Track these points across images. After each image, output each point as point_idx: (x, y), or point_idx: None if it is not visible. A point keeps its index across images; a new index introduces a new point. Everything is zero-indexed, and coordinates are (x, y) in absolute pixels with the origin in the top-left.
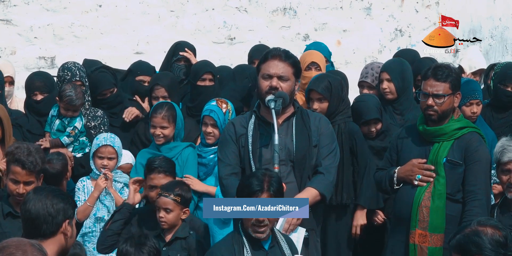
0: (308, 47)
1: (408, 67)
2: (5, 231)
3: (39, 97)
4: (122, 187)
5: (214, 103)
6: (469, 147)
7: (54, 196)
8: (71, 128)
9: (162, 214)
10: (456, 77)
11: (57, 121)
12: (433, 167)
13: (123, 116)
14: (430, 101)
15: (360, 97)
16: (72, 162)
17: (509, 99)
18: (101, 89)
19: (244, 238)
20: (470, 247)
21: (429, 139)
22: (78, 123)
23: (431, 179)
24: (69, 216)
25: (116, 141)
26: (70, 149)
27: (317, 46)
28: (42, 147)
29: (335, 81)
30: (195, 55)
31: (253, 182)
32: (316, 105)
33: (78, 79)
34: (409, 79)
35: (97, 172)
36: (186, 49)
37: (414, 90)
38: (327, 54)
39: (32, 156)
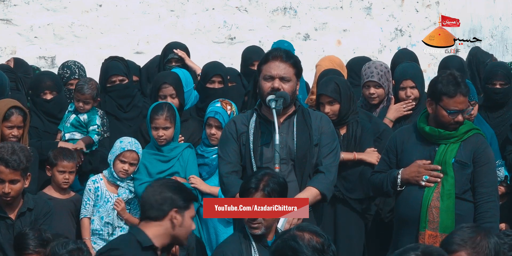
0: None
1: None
2: None
3: (49, 96)
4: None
5: (218, 104)
6: (477, 149)
7: (166, 186)
8: (96, 126)
9: None
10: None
11: (72, 116)
12: (440, 167)
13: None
14: (460, 117)
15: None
16: (82, 159)
17: (499, 95)
18: (110, 74)
19: (250, 237)
20: (287, 252)
21: (434, 141)
22: (98, 121)
23: (439, 180)
24: (178, 206)
25: (140, 147)
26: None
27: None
28: (79, 148)
29: (341, 82)
30: (188, 55)
31: (251, 181)
32: (327, 109)
33: (76, 77)
34: (424, 84)
35: (115, 175)
36: (178, 49)
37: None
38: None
39: (16, 154)
